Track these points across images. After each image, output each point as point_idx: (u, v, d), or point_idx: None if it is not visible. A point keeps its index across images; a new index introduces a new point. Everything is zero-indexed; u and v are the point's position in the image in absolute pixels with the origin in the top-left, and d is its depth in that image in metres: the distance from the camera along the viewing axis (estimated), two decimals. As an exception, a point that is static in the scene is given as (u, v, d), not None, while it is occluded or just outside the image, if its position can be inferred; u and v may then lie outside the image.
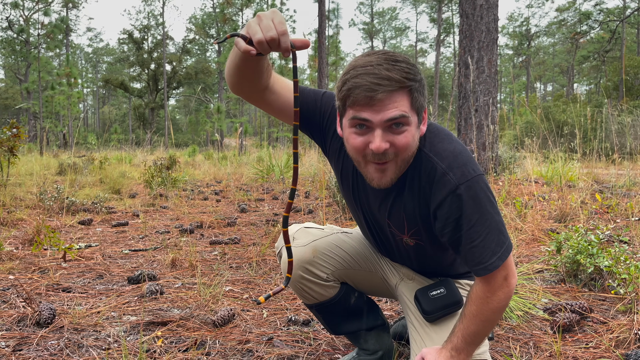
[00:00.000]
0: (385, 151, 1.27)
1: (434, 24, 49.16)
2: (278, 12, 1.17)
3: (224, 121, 28.81)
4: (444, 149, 1.37)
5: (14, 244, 3.83)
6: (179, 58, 43.79)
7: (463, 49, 7.44)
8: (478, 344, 1.43)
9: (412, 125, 1.28)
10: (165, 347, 1.98)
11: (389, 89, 1.21)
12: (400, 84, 1.22)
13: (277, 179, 9.25)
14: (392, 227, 1.54)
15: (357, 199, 1.59)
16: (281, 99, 1.48)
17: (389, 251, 1.70)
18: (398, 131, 1.26)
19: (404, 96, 1.24)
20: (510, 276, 1.38)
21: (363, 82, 1.22)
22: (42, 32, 31.82)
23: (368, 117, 1.25)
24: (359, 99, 1.23)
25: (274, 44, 1.14)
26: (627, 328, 2.08)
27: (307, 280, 1.67)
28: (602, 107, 17.31)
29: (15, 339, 2.02)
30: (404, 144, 1.28)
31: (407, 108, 1.25)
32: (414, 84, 1.25)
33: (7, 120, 9.15)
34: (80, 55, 65.64)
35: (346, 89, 1.25)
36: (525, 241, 3.80)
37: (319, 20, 16.84)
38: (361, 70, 1.23)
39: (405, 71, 1.23)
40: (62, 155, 15.63)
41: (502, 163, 7.65)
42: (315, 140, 1.61)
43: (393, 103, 1.23)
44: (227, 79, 1.44)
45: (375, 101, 1.22)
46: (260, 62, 1.33)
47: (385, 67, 1.22)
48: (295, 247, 1.67)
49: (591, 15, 39.56)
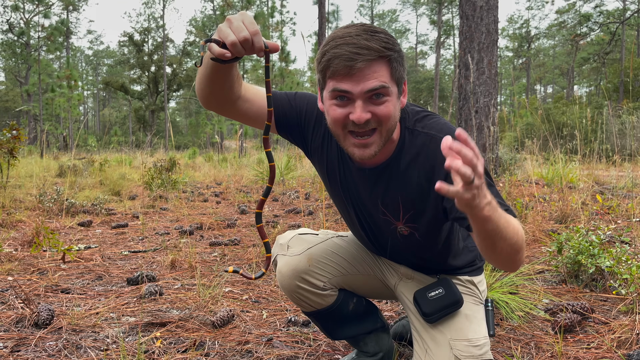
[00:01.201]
0: (367, 121, 1.27)
1: (434, 26, 49.27)
2: (247, 13, 1.17)
3: (224, 123, 28.86)
4: (437, 122, 1.40)
5: (13, 245, 3.82)
6: (180, 60, 43.83)
7: (463, 50, 7.44)
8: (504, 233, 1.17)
9: (393, 95, 1.29)
10: (164, 347, 1.97)
11: (368, 58, 1.22)
12: (379, 52, 1.23)
13: (277, 181, 9.24)
14: (387, 214, 1.51)
15: (346, 192, 1.56)
16: (255, 106, 1.47)
17: (383, 247, 1.67)
18: (379, 102, 1.27)
19: (383, 66, 1.25)
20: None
21: (342, 51, 1.22)
22: (42, 34, 31.88)
23: (348, 88, 1.25)
24: (339, 69, 1.24)
25: (247, 45, 1.13)
26: (628, 328, 2.07)
27: (304, 289, 1.64)
28: (602, 108, 17.32)
29: (13, 340, 2.01)
30: (385, 113, 1.28)
31: (387, 78, 1.26)
32: (392, 53, 1.25)
33: (7, 122, 9.16)
34: (81, 57, 65.75)
35: (325, 60, 1.25)
36: (526, 242, 3.79)
37: (319, 22, 16.86)
38: (340, 40, 1.24)
39: (384, 41, 1.24)
40: (62, 157, 15.62)
41: (503, 164, 7.64)
42: (297, 142, 1.59)
43: (373, 73, 1.23)
44: (198, 92, 1.42)
45: (355, 70, 1.22)
46: (231, 70, 1.32)
47: (365, 37, 1.23)
48: (290, 256, 1.65)
49: (591, 17, 39.58)
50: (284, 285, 1.65)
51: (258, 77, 32.71)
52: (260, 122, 1.49)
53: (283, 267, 1.64)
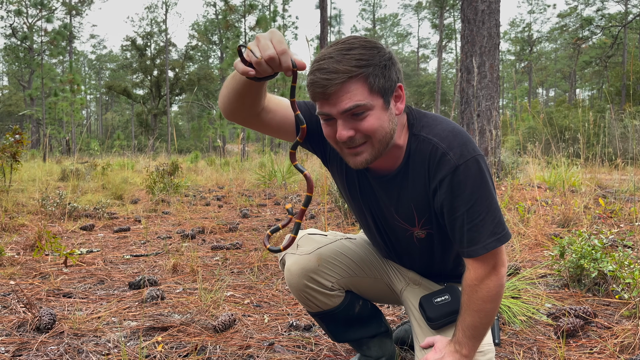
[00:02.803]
0: (350, 138, 1.31)
1: (435, 29, 49.31)
2: (276, 31, 1.18)
3: (226, 127, 28.87)
4: (443, 129, 1.40)
5: (16, 249, 3.83)
6: (182, 64, 43.92)
7: (465, 54, 7.45)
8: (478, 338, 1.43)
9: (375, 108, 1.31)
10: (166, 352, 1.97)
11: (337, 82, 1.25)
12: (349, 73, 1.25)
13: (279, 185, 9.24)
14: (402, 222, 1.53)
15: (364, 200, 1.59)
16: (277, 116, 1.49)
17: (398, 253, 1.68)
18: (360, 118, 1.30)
19: (357, 84, 1.27)
20: (500, 264, 1.38)
21: (316, 78, 1.26)
22: (45, 39, 31.99)
23: (327, 111, 1.30)
24: (316, 95, 1.29)
25: (274, 64, 1.16)
26: (631, 333, 2.06)
27: (312, 289, 1.65)
28: (604, 112, 17.29)
29: (15, 344, 2.01)
30: (368, 127, 1.31)
31: (364, 95, 1.27)
32: (365, 70, 1.26)
33: (10, 126, 9.25)
34: (84, 62, 65.92)
35: (308, 85, 1.30)
36: (529, 246, 3.78)
37: (321, 26, 16.89)
38: (316, 65, 1.28)
39: (356, 59, 1.25)
40: (64, 161, 15.65)
41: (505, 168, 7.63)
42: (315, 151, 1.61)
43: (346, 94, 1.26)
44: (223, 105, 1.44)
45: (328, 96, 1.27)
46: (263, 86, 1.36)
47: (336, 59, 1.25)
48: (300, 255, 1.65)
49: (593, 21, 39.59)
50: (292, 283, 1.66)
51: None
52: (283, 132, 1.52)
53: (292, 266, 1.65)
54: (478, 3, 7.23)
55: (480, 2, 7.22)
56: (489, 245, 1.34)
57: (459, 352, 1.42)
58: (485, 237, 1.34)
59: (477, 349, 1.44)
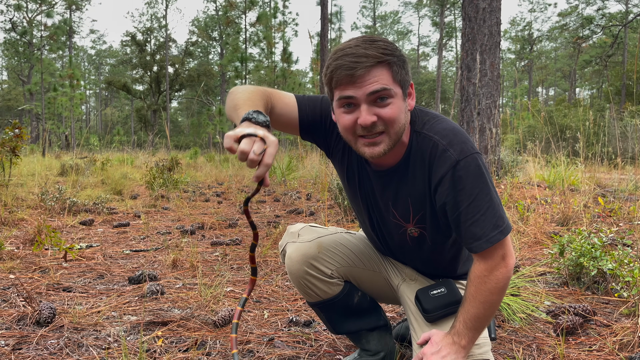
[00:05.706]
0: (373, 124, 1.34)
1: (436, 27, 49.28)
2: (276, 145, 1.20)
3: (225, 124, 28.83)
4: (443, 127, 1.43)
5: (15, 243, 3.83)
6: (182, 60, 43.85)
7: (465, 52, 7.44)
8: (479, 330, 1.44)
9: (397, 97, 1.36)
10: (166, 347, 1.97)
11: (366, 65, 1.30)
12: (377, 58, 1.31)
13: (279, 181, 9.24)
14: (398, 217, 1.55)
15: (362, 194, 1.61)
16: (283, 118, 1.55)
17: (392, 250, 1.71)
18: (383, 104, 1.34)
19: (383, 70, 1.32)
20: (508, 256, 1.40)
21: (343, 62, 1.31)
22: (45, 33, 31.92)
23: (352, 93, 1.33)
24: (342, 78, 1.32)
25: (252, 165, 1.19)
26: (630, 331, 2.06)
27: (312, 276, 1.66)
28: (604, 111, 17.31)
29: (15, 338, 2.01)
30: (390, 115, 1.35)
31: (389, 81, 1.33)
32: (391, 58, 1.33)
33: (9, 121, 9.28)
34: (83, 57, 65.74)
35: (329, 72, 1.34)
36: (528, 244, 3.78)
37: (321, 23, 16.87)
38: (341, 53, 1.33)
39: (382, 47, 1.32)
40: (64, 156, 15.64)
41: (505, 166, 7.63)
42: (319, 144, 1.65)
43: (373, 77, 1.31)
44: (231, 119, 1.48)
45: (356, 78, 1.31)
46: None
47: (363, 47, 1.32)
48: (301, 242, 1.68)
49: (593, 20, 39.56)
50: (292, 270, 1.67)
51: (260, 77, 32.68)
52: (288, 129, 1.59)
53: (293, 253, 1.66)
54: (479, 1, 7.22)
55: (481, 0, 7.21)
56: (493, 239, 1.36)
57: (457, 343, 1.42)
58: (489, 230, 1.37)
59: (476, 340, 1.45)
